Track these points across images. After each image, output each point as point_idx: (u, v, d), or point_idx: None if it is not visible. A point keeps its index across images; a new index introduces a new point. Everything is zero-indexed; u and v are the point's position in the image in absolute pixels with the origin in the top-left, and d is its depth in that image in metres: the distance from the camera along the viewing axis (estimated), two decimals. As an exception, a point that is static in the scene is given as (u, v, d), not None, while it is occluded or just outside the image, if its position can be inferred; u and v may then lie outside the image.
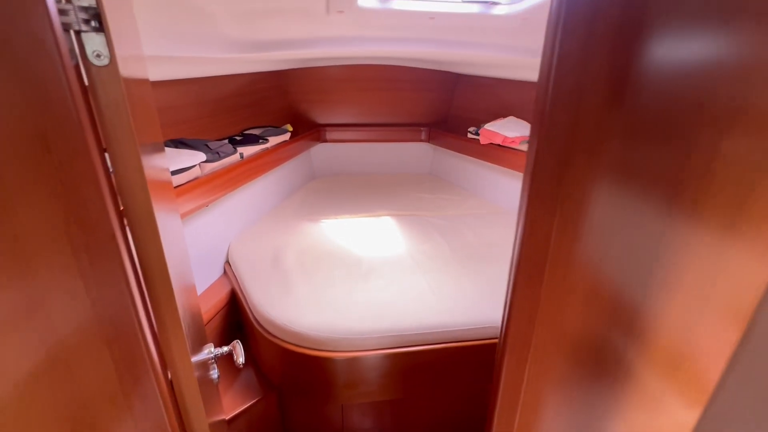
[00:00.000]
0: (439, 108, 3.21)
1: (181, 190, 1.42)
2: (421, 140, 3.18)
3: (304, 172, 3.05)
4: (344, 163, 3.28)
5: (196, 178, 1.53)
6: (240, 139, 2.09)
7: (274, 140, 2.27)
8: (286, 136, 2.44)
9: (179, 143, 1.64)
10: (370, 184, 2.99)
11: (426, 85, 3.05)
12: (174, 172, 1.39)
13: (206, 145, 1.69)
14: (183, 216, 1.49)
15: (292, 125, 2.68)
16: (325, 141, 3.09)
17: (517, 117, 2.50)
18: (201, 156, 1.56)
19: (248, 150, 1.98)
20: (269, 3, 1.38)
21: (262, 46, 1.78)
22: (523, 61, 1.97)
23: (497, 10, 1.60)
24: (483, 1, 1.58)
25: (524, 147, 2.23)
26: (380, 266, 1.73)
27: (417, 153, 3.34)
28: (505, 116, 2.53)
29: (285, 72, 2.81)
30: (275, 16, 1.52)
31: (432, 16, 1.62)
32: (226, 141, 1.96)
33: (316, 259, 1.79)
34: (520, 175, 2.34)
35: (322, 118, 3.12)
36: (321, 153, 3.20)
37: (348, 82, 2.93)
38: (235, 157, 1.84)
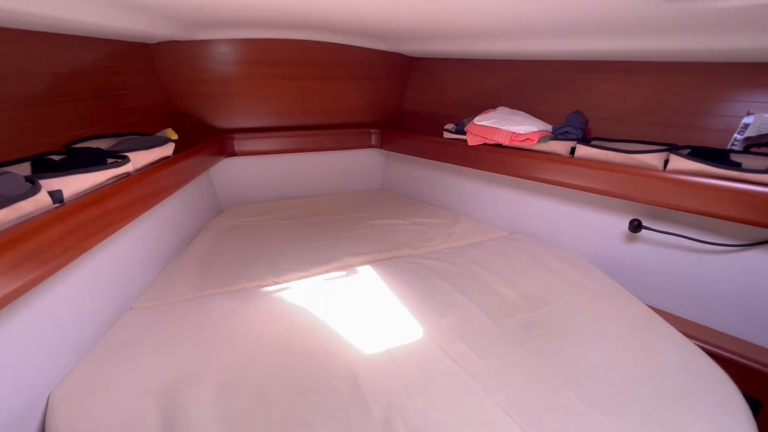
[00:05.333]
0: (390, 102, 2.44)
1: None
2: (371, 146, 2.37)
3: (203, 206, 1.97)
4: (264, 185, 2.27)
5: None
6: (60, 160, 1.01)
7: (140, 158, 1.22)
8: (167, 150, 1.38)
9: None
10: (310, 214, 2.06)
11: (371, 72, 2.25)
12: None
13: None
14: None
15: (176, 131, 1.62)
16: (233, 154, 2.06)
17: (508, 107, 1.87)
18: None
19: (77, 182, 0.92)
20: None
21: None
22: (515, 21, 1.30)
23: None
24: None
25: (546, 145, 1.59)
26: (403, 391, 0.87)
27: (366, 163, 2.52)
28: (480, 108, 1.88)
29: (160, 48, 1.72)
30: None
31: None
32: (12, 170, 0.88)
33: (268, 405, 0.84)
34: (534, 183, 1.70)
35: (224, 121, 2.08)
36: (228, 173, 2.15)
37: (259, 66, 1.97)
38: (38, 202, 0.79)
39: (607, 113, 1.67)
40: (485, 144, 1.76)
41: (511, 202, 1.93)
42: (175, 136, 1.42)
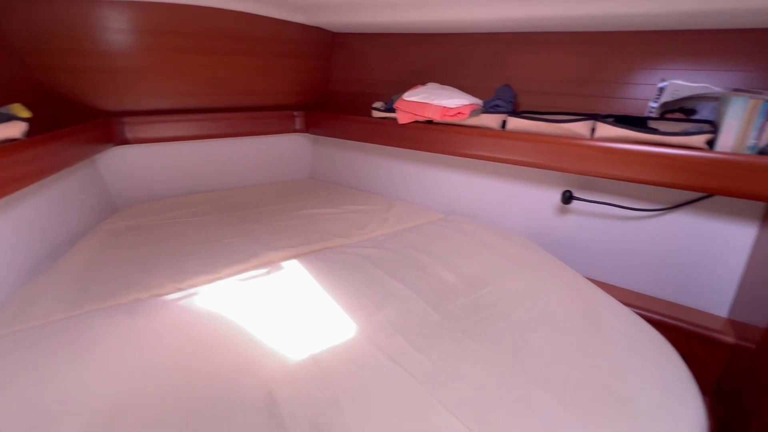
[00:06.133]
0: (315, 82, 2.24)
1: None
2: (296, 130, 2.15)
3: (87, 204, 1.62)
4: (171, 178, 1.95)
5: None
6: None
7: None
8: (10, 130, 1.06)
9: None
10: (228, 208, 1.80)
11: (292, 48, 2.03)
12: None
13: None
14: None
15: (45, 115, 1.27)
16: (125, 142, 1.72)
17: (438, 83, 1.79)
18: None
19: None
20: None
21: None
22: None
23: None
24: None
25: (477, 120, 1.52)
26: (330, 404, 0.71)
27: (291, 150, 2.29)
28: (410, 86, 1.78)
29: (12, 5, 1.35)
30: None
31: None
32: None
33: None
34: (468, 162, 1.61)
35: (111, 102, 1.73)
36: (121, 165, 1.80)
37: (155, 37, 1.65)
38: None
39: (534, 86, 1.65)
40: (416, 121, 1.65)
41: (446, 182, 1.86)
42: (25, 114, 1.09)
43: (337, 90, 2.28)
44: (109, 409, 0.71)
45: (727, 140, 1.10)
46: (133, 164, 1.83)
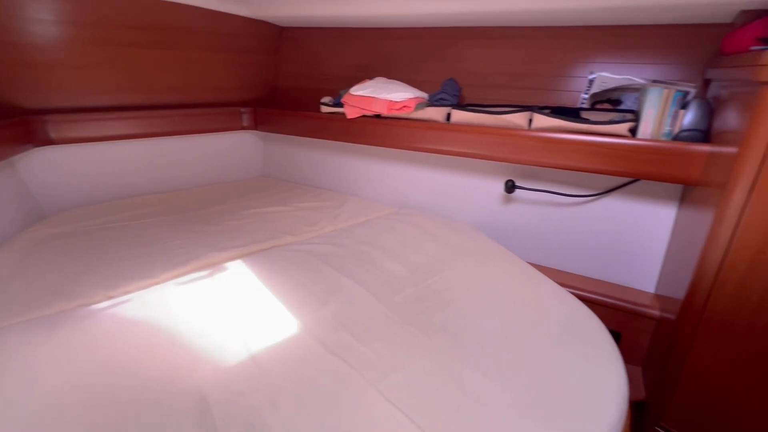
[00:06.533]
0: (262, 78, 2.17)
1: None
2: (243, 127, 2.08)
3: (6, 211, 1.48)
4: (107, 180, 1.83)
5: None
6: None
7: None
8: None
9: None
10: (171, 210, 1.71)
11: (236, 42, 1.95)
12: None
13: None
14: None
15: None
16: (49, 142, 1.59)
17: (385, 77, 1.79)
18: None
19: None
20: None
21: None
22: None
23: None
24: None
25: (423, 113, 1.53)
26: (267, 404, 0.70)
27: (240, 148, 2.21)
28: (359, 80, 1.77)
29: None
30: None
31: None
32: None
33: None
34: (420, 156, 1.64)
35: (30, 99, 1.58)
36: (47, 168, 1.66)
37: (82, 28, 1.53)
38: None
39: (478, 79, 1.69)
40: (364, 116, 1.65)
41: (399, 176, 1.87)
42: None
43: (287, 85, 2.23)
44: (26, 430, 0.65)
45: (647, 128, 1.18)
46: (63, 167, 1.69)
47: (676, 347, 1.04)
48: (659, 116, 1.16)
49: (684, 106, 1.15)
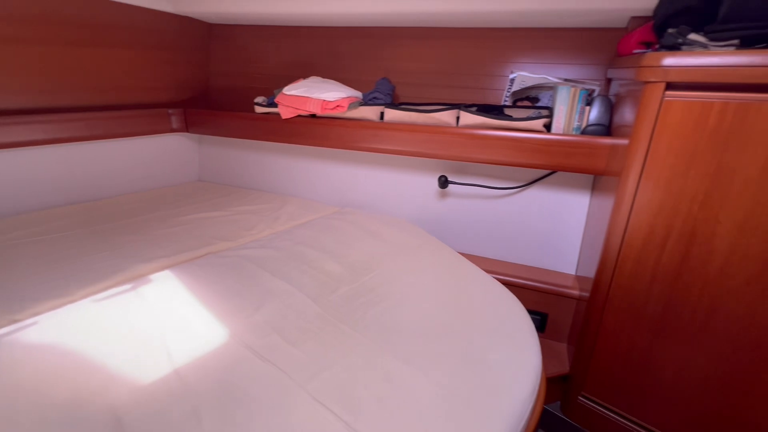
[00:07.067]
0: (192, 77, 2.07)
1: None
2: (173, 129, 1.97)
3: None
4: (13, 192, 1.65)
5: None
6: None
7: None
8: None
9: None
10: (94, 221, 1.58)
11: (160, 40, 1.85)
12: None
13: None
14: None
15: None
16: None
17: (319, 76, 1.78)
18: None
19: None
20: None
21: None
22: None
23: None
24: None
25: (357, 112, 1.54)
26: (189, 418, 0.68)
27: (173, 152, 2.10)
28: (293, 79, 1.75)
29: None
30: None
31: None
32: None
33: None
34: (361, 154, 1.66)
35: None
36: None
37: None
38: None
39: (411, 78, 1.73)
40: (299, 116, 1.63)
41: (339, 176, 1.87)
42: None
43: (220, 85, 2.14)
44: None
45: (559, 123, 1.28)
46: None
47: (591, 322, 1.14)
48: (569, 112, 1.26)
49: (589, 103, 1.26)
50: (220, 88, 2.14)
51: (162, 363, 0.81)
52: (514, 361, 0.84)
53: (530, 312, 1.45)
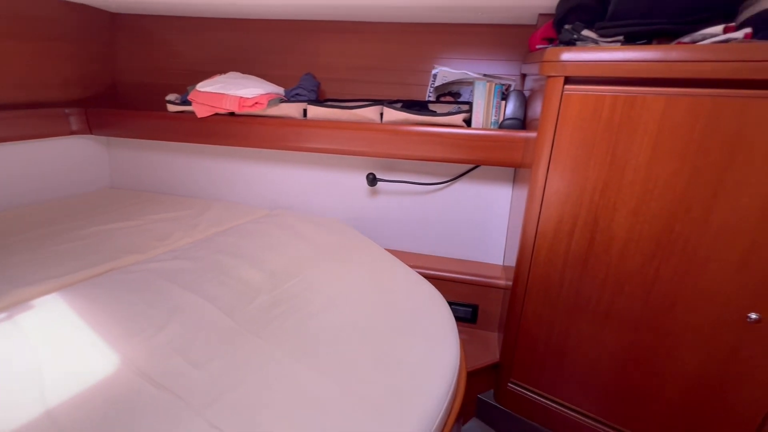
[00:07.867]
0: (94, 73, 1.85)
1: None
2: (73, 132, 1.76)
3: None
4: None
5: None
6: None
7: None
8: None
9: None
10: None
11: (49, 29, 1.62)
12: None
13: None
14: None
15: None
16: None
17: (239, 71, 1.67)
18: None
19: None
20: None
21: None
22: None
23: None
24: None
25: (278, 109, 1.46)
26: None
27: (75, 156, 1.87)
28: (210, 75, 1.63)
29: None
30: None
31: None
32: None
33: None
34: (289, 154, 1.57)
35: None
36: None
37: None
38: None
39: (337, 74, 1.68)
40: (216, 114, 1.52)
41: (270, 176, 1.78)
42: None
43: (129, 81, 1.95)
44: None
45: (478, 118, 1.30)
46: None
47: (513, 310, 1.17)
48: (486, 107, 1.28)
49: (505, 98, 1.30)
50: (130, 85, 1.95)
51: (31, 406, 0.69)
52: (430, 360, 0.83)
53: (461, 304, 1.48)
